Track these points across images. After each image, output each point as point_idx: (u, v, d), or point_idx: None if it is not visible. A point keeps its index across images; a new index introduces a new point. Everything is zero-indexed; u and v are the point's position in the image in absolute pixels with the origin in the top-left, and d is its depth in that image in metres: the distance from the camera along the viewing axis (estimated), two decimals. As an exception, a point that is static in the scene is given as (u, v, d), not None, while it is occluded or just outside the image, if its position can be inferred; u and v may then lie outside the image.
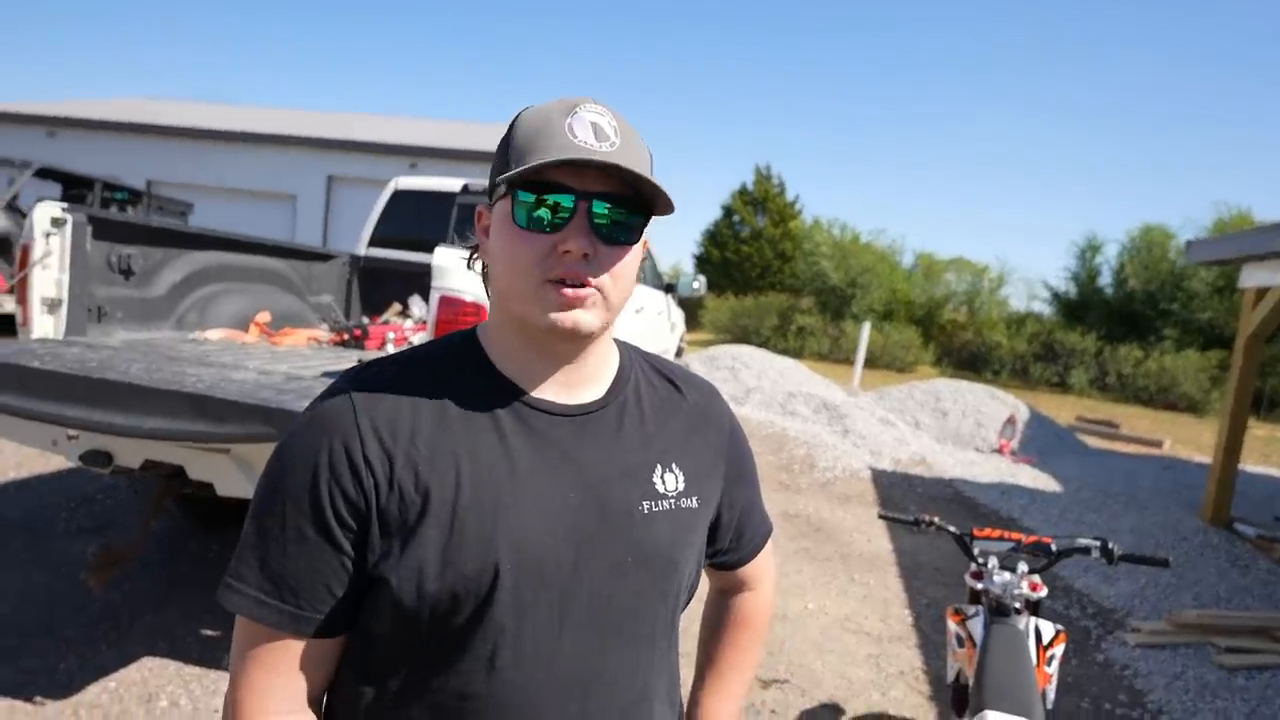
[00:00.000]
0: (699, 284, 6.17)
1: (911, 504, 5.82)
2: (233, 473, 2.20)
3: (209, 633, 2.64)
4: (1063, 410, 14.51)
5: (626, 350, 0.85)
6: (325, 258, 4.24)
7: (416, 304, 3.97)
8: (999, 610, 1.76)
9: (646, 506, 0.75)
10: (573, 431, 0.74)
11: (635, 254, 0.73)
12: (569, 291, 0.67)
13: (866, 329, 14.93)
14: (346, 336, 3.53)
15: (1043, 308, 25.60)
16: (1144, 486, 7.31)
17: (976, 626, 1.79)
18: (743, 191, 29.19)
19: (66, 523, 3.46)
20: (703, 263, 29.21)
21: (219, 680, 2.38)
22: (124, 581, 2.85)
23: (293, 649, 0.69)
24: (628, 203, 0.70)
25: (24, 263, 2.60)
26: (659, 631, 0.77)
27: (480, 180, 4.67)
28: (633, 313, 4.47)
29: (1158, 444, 12.18)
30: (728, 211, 29.26)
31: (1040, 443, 9.43)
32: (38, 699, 2.18)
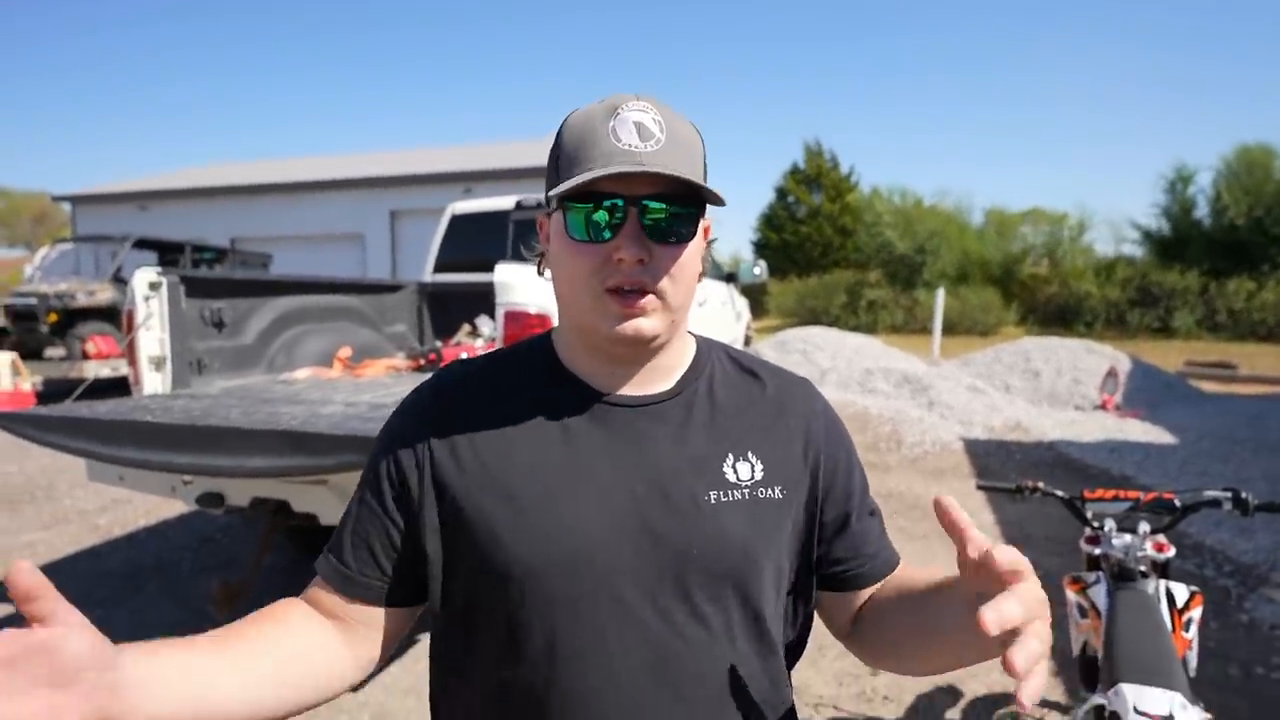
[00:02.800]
0: (760, 269, 6.08)
1: (1011, 472, 5.53)
2: (333, 502, 2.31)
3: (328, 655, 2.78)
4: (1169, 357, 13.49)
5: (706, 343, 0.84)
6: (395, 289, 4.41)
7: (484, 323, 4.06)
8: (1123, 575, 1.64)
9: (714, 496, 0.73)
10: (639, 422, 0.74)
11: (694, 250, 0.72)
12: (628, 300, 0.68)
13: (941, 295, 14.34)
14: (422, 362, 3.65)
15: (1134, 250, 23.88)
16: (1274, 429, 6.69)
17: (1099, 594, 1.67)
18: (794, 171, 28.58)
19: (192, 562, 3.72)
20: (761, 248, 28.78)
21: (341, 699, 2.49)
22: (245, 611, 3.04)
23: (334, 607, 0.74)
24: (679, 199, 0.68)
25: (130, 326, 2.81)
26: (738, 626, 0.73)
27: (533, 195, 4.75)
28: (696, 306, 4.43)
29: (1284, 381, 11.15)
30: (781, 193, 28.72)
31: (1148, 394, 8.79)
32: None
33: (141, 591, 3.37)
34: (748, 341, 7.15)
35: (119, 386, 3.92)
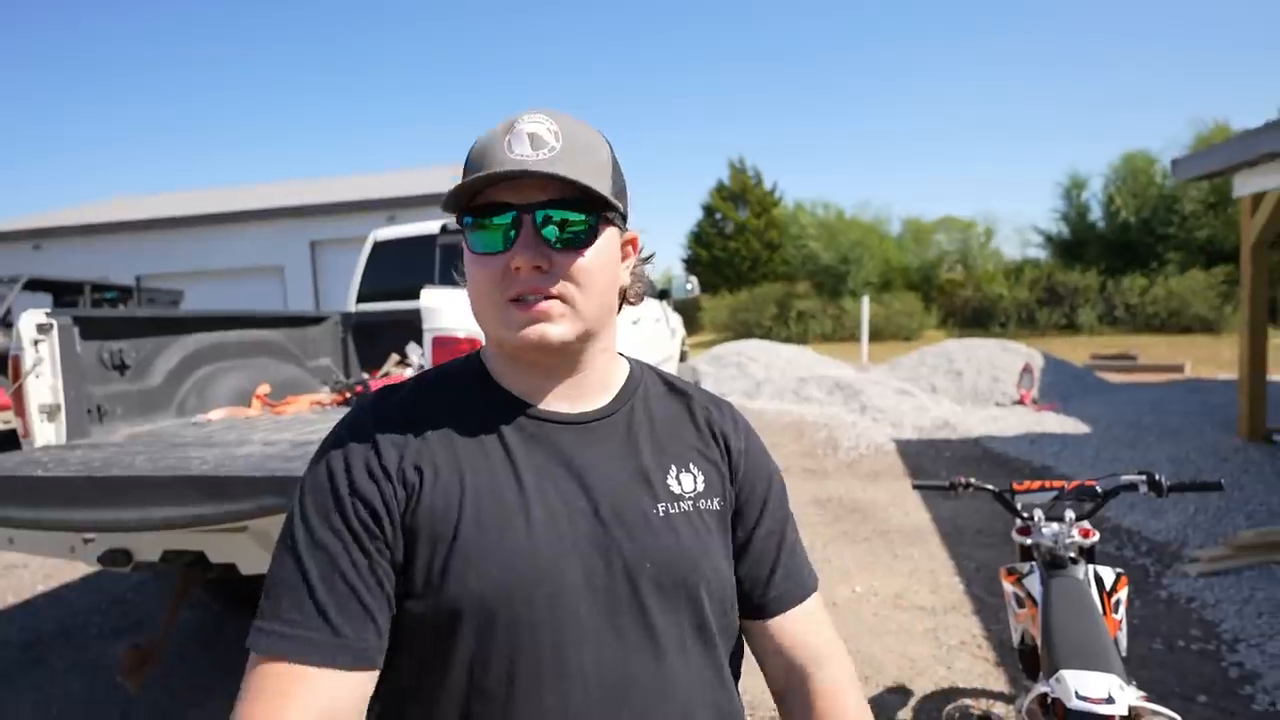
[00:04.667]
0: (692, 285, 6.14)
1: (942, 469, 5.73)
2: (253, 550, 2.15)
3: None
4: (1076, 351, 14.37)
5: (637, 365, 0.84)
6: (317, 320, 4.22)
7: (414, 351, 3.93)
8: (1054, 563, 1.69)
9: (662, 509, 0.73)
10: (579, 439, 0.73)
11: (600, 256, 0.70)
12: (529, 308, 0.67)
13: (866, 303, 14.87)
14: (349, 395, 3.49)
15: (1038, 253, 25.48)
16: (1173, 413, 7.19)
17: (1034, 583, 1.72)
18: (720, 188, 29.26)
19: (100, 626, 3.42)
20: (692, 264, 29.24)
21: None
22: (165, 676, 2.80)
23: (331, 688, 0.62)
24: (577, 204, 0.68)
25: (16, 374, 2.58)
26: (690, 639, 0.72)
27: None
28: (630, 324, 4.42)
29: (1179, 369, 12.04)
30: (709, 210, 29.33)
31: (1060, 388, 9.33)
32: (93, 812, 2.13)
33: (43, 663, 3.07)
34: (683, 357, 7.19)
35: (7, 440, 3.59)
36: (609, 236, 0.72)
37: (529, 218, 0.67)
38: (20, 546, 2.33)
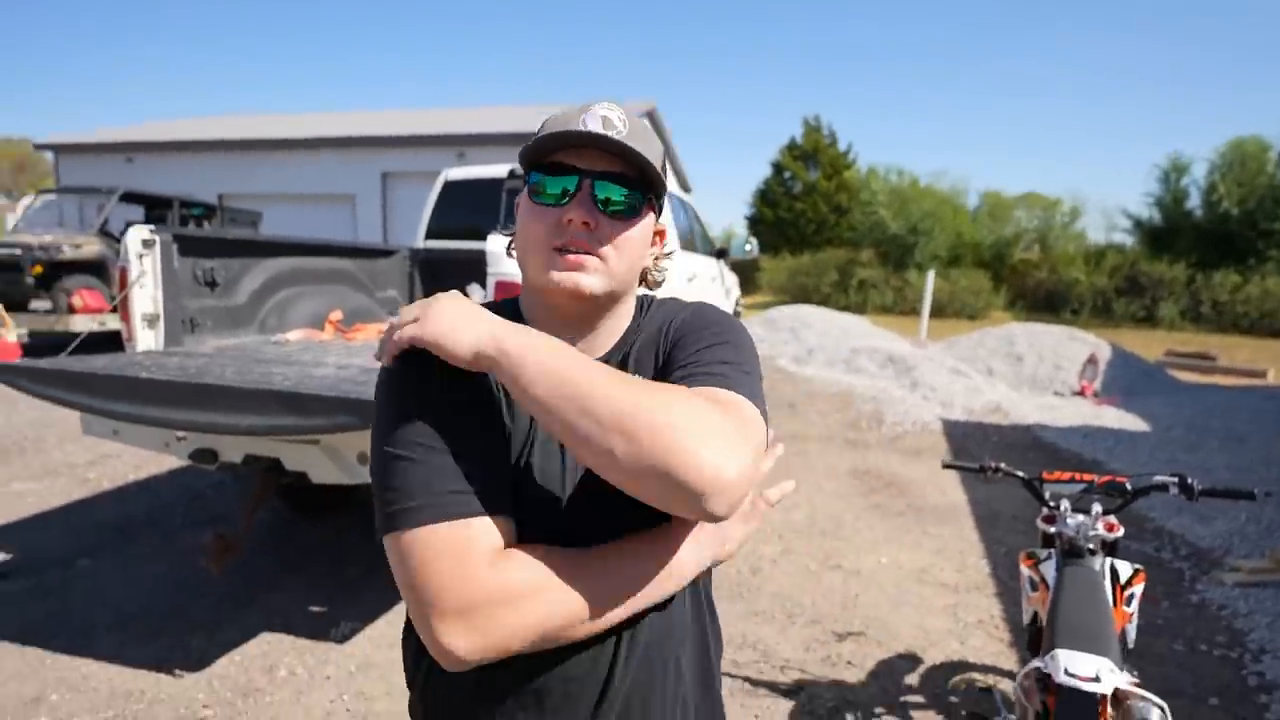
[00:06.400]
0: (751, 246, 6.12)
1: (986, 453, 5.68)
2: (323, 461, 2.37)
3: (316, 609, 2.88)
4: (1151, 346, 13.70)
5: (645, 303, 0.90)
6: (387, 254, 4.43)
7: (475, 291, 4.09)
8: (1072, 552, 1.74)
9: None
10: None
11: (637, 230, 0.80)
12: (571, 257, 0.76)
13: (931, 277, 14.42)
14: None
15: (1125, 239, 24.07)
16: (1243, 420, 6.88)
17: (1049, 569, 1.77)
18: (792, 146, 28.42)
19: (184, 517, 3.79)
20: (755, 223, 28.72)
21: (329, 651, 2.59)
22: (240, 566, 3.12)
23: (490, 531, 0.68)
24: (630, 182, 0.77)
25: (123, 283, 2.84)
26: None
27: (526, 164, 4.74)
28: (685, 280, 4.49)
29: (1261, 374, 11.39)
30: (778, 168, 28.58)
31: (1126, 382, 8.97)
32: (177, 671, 2.44)
33: (134, 542, 3.44)
34: (736, 316, 7.21)
35: (107, 342, 3.93)
36: (647, 218, 0.81)
37: (589, 182, 0.76)
38: (123, 438, 2.62)
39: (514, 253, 0.85)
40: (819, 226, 26.79)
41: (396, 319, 0.74)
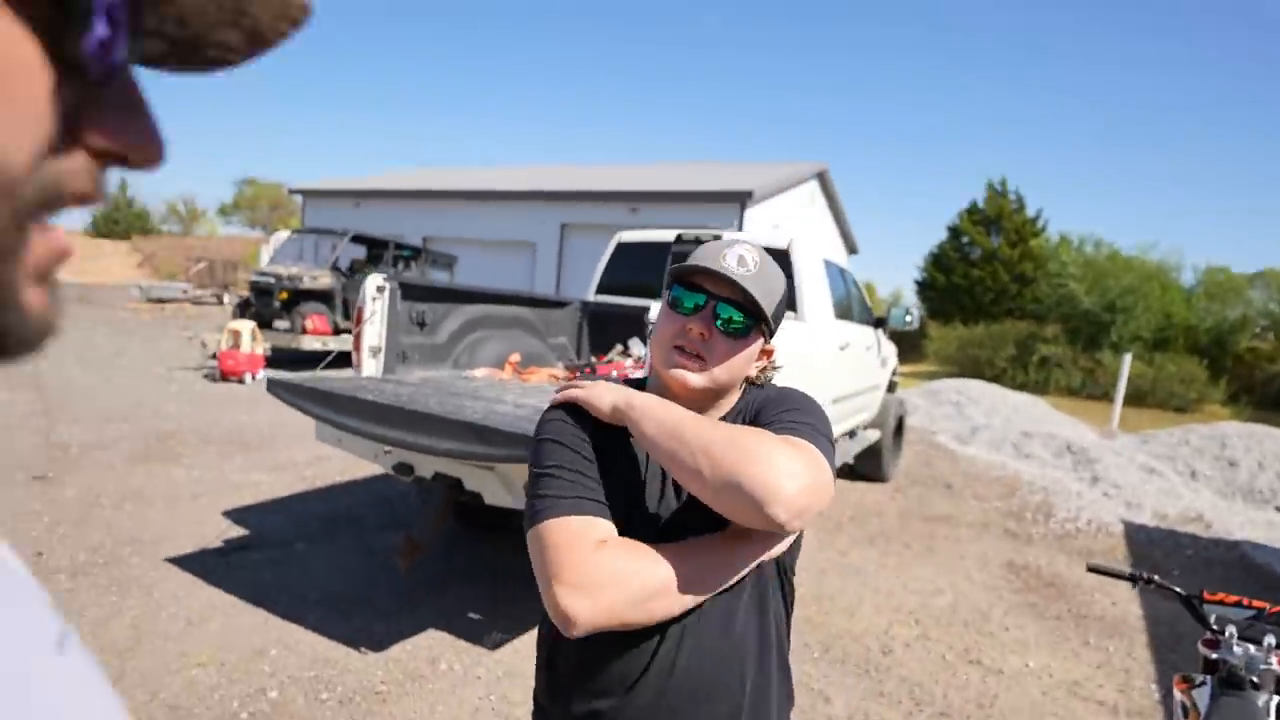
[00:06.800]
0: (911, 317, 5.99)
1: (1177, 568, 5.04)
2: (497, 486, 2.75)
3: (474, 616, 3.25)
4: None
5: (749, 397, 1.09)
6: (561, 305, 4.93)
7: (635, 345, 4.45)
8: (1230, 682, 1.62)
9: None
10: None
11: (742, 349, 1.00)
12: (682, 357, 0.98)
13: (1128, 360, 12.97)
14: (579, 374, 4.09)
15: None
16: None
17: (1203, 696, 1.66)
18: (972, 210, 27.01)
19: (375, 519, 4.41)
20: (925, 288, 27.45)
21: (481, 654, 2.93)
22: (418, 568, 3.60)
23: (606, 525, 0.92)
24: (747, 310, 0.99)
25: (359, 320, 3.47)
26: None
27: (691, 230, 5.11)
28: (837, 349, 4.54)
29: None
30: (954, 233, 27.23)
31: (1379, 505, 7.47)
32: (362, 649, 2.89)
33: (335, 537, 4.08)
34: (892, 388, 7.02)
35: (331, 360, 4.71)
36: (756, 341, 1.02)
37: (713, 303, 0.98)
38: (344, 446, 3.18)
39: (649, 340, 1.09)
40: (998, 296, 25.05)
41: (564, 384, 1.05)
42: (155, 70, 0.28)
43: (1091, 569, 2.04)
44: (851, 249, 21.63)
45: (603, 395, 0.98)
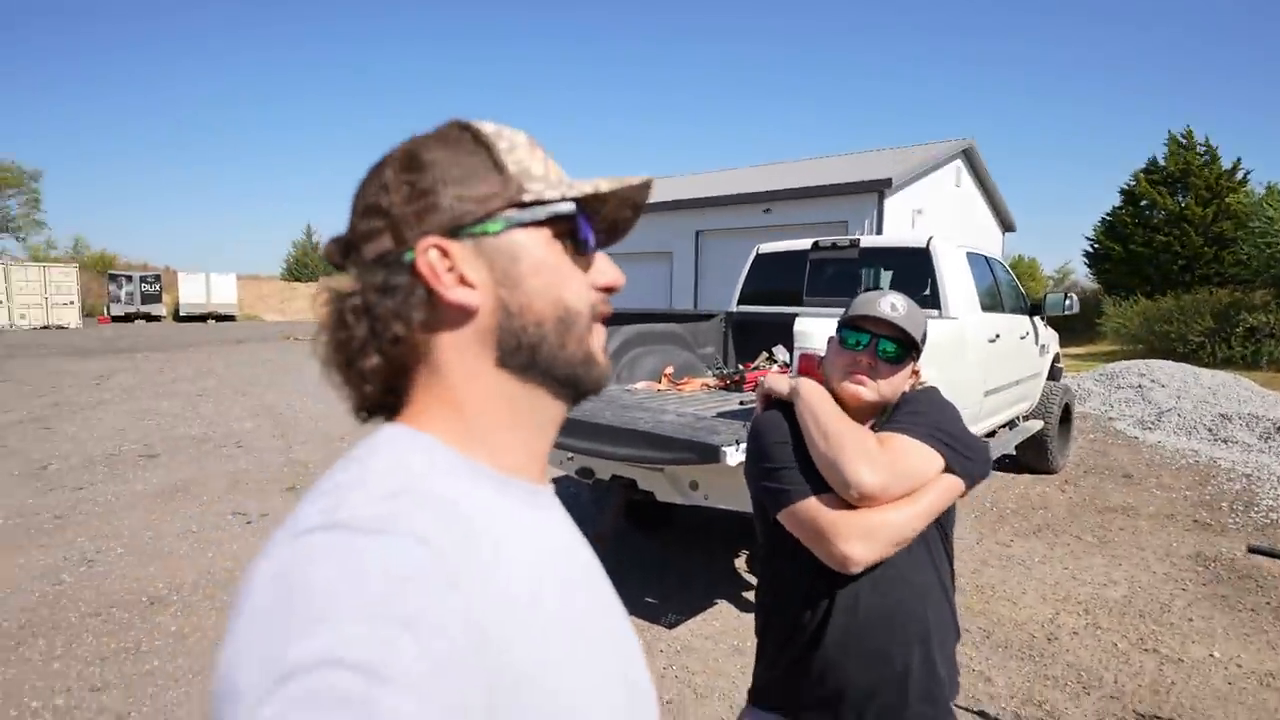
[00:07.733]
0: (1071, 301, 5.75)
1: None
2: (666, 485, 3.18)
3: (650, 600, 3.70)
4: None
5: (896, 403, 1.39)
6: (708, 317, 5.31)
7: (780, 352, 4.73)
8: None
9: None
10: None
11: (902, 370, 1.33)
12: (856, 379, 1.33)
13: (1360, 326, 11.13)
14: (729, 381, 4.45)
15: None
16: None
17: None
18: (1151, 168, 24.13)
19: (556, 517, 5.02)
20: (1098, 260, 24.90)
21: (660, 632, 3.37)
22: (601, 558, 4.12)
23: (826, 499, 1.23)
24: (900, 343, 1.32)
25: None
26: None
27: (827, 237, 5.30)
28: (986, 341, 4.55)
29: None
30: (1130, 196, 24.47)
31: None
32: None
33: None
34: (1056, 375, 6.70)
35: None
36: (908, 365, 1.35)
37: (876, 340, 1.32)
38: (536, 455, 3.76)
39: (823, 366, 1.43)
40: (1188, 262, 22.19)
41: (763, 381, 1.46)
42: (603, 242, 0.62)
43: (1252, 549, 2.08)
44: (1008, 227, 20.19)
45: (782, 384, 1.39)
